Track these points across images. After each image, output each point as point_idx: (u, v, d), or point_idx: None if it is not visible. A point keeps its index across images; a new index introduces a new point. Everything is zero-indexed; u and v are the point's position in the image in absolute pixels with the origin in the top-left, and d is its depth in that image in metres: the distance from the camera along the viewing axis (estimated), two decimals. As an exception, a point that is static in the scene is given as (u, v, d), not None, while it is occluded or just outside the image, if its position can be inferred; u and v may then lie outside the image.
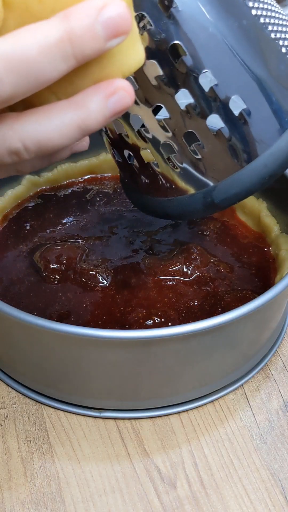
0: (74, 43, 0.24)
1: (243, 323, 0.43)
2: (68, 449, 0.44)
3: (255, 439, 0.45)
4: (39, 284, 0.51)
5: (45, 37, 0.23)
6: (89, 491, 0.42)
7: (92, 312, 0.48)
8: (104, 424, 0.46)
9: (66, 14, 0.24)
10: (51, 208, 0.60)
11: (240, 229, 0.58)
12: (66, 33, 0.24)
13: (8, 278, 0.52)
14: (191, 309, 0.49)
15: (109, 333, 0.40)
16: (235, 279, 0.52)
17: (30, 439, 0.45)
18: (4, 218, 0.59)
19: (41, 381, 0.47)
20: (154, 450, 0.44)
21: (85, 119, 0.26)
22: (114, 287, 0.50)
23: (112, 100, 0.26)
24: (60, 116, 0.26)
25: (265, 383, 0.50)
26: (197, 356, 0.44)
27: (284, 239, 0.54)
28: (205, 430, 0.46)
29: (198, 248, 0.53)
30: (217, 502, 0.41)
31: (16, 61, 0.23)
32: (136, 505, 0.41)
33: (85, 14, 0.24)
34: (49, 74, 0.24)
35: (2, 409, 0.47)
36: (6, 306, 0.41)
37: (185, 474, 0.43)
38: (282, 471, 0.43)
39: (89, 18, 0.24)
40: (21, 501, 0.41)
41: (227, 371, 0.47)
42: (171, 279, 0.51)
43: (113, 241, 0.55)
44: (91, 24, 0.24)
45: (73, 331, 0.40)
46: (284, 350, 0.52)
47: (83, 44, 0.24)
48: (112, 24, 0.24)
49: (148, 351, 0.42)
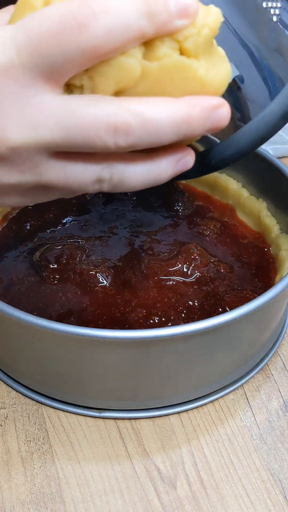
0: (190, 126, 0.30)
1: (243, 323, 0.43)
2: (68, 449, 0.44)
3: (255, 439, 0.45)
4: (39, 284, 0.51)
5: (174, 112, 0.29)
6: (89, 491, 0.42)
7: (92, 312, 0.48)
8: (104, 424, 0.46)
9: (191, 102, 0.30)
10: (51, 208, 0.60)
11: (240, 229, 0.58)
12: (188, 116, 0.30)
13: (8, 278, 0.52)
14: (191, 309, 0.49)
15: (109, 333, 0.40)
16: (235, 279, 0.52)
17: (30, 439, 0.45)
18: (4, 218, 0.59)
19: (41, 381, 0.47)
20: (154, 450, 0.44)
21: (157, 174, 0.32)
22: (114, 287, 0.50)
23: (180, 164, 0.33)
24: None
25: (265, 383, 0.50)
26: (197, 356, 0.44)
27: (284, 239, 0.54)
28: (205, 430, 0.46)
29: (198, 248, 0.53)
30: (217, 502, 0.41)
31: (149, 122, 0.29)
32: (136, 505, 0.41)
33: (204, 108, 0.30)
34: (165, 140, 0.30)
35: (2, 409, 0.47)
36: (6, 306, 0.41)
37: (185, 474, 0.43)
38: (282, 471, 0.43)
39: (206, 112, 0.30)
40: (21, 501, 0.41)
41: (227, 371, 0.47)
42: (171, 279, 0.51)
43: (113, 241, 0.55)
44: (206, 118, 0.30)
45: (73, 331, 0.40)
46: (284, 350, 0.52)
47: (195, 129, 0.30)
48: (217, 122, 0.31)
49: (148, 351, 0.42)
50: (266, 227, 0.57)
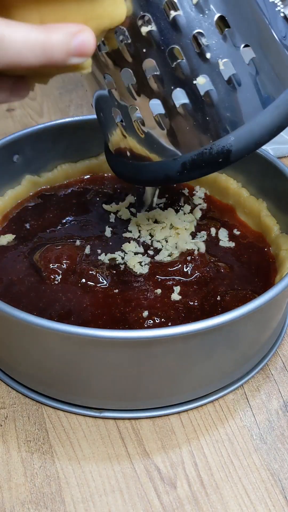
0: (47, 50, 0.30)
1: (243, 323, 0.43)
2: (68, 449, 0.44)
3: (255, 439, 0.45)
4: (39, 284, 0.51)
5: (29, 33, 0.30)
6: (89, 491, 0.42)
7: (92, 312, 0.48)
8: (104, 424, 0.46)
9: (51, 27, 0.30)
10: (51, 208, 0.60)
11: (240, 229, 0.58)
12: (46, 39, 0.30)
13: (8, 278, 0.52)
14: (191, 309, 0.49)
15: (109, 333, 0.40)
16: (235, 279, 0.52)
17: (30, 439, 0.45)
18: (4, 218, 0.59)
19: (41, 381, 0.47)
20: (154, 450, 0.44)
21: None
22: (114, 287, 0.50)
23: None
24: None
25: (265, 383, 0.50)
26: (197, 356, 0.44)
27: (284, 239, 0.54)
28: (205, 430, 0.46)
29: (198, 248, 0.53)
30: (217, 502, 0.41)
31: (4, 39, 0.29)
32: (136, 505, 0.41)
33: (64, 33, 0.30)
34: (24, 61, 0.30)
35: (2, 409, 0.47)
36: (6, 306, 0.41)
37: (185, 474, 0.43)
38: (282, 471, 0.43)
39: (65, 36, 0.30)
40: (21, 501, 0.41)
41: (227, 371, 0.47)
42: (171, 279, 0.51)
43: (113, 241, 0.55)
44: (66, 42, 0.30)
45: (73, 331, 0.40)
46: (284, 350, 0.53)
47: (55, 52, 0.30)
48: (80, 47, 0.31)
49: (148, 351, 0.42)
50: (266, 227, 0.57)
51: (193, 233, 0.56)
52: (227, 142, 0.40)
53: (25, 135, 0.60)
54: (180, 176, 0.42)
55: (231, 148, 0.40)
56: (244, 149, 0.40)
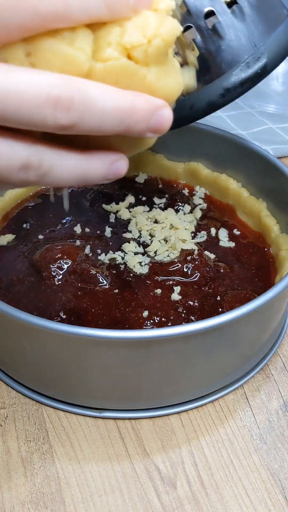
0: (133, 117, 0.29)
1: (243, 323, 0.43)
2: (68, 449, 0.44)
3: (255, 439, 0.45)
4: (39, 284, 0.51)
5: (119, 100, 0.29)
6: (89, 491, 0.42)
7: (92, 312, 0.48)
8: (104, 424, 0.46)
9: (137, 94, 0.30)
10: (51, 208, 0.60)
11: (240, 229, 0.58)
12: (132, 106, 0.29)
13: (8, 278, 0.52)
14: (191, 309, 0.49)
15: (109, 333, 0.40)
16: (235, 279, 0.52)
17: (30, 439, 0.45)
18: (4, 218, 0.59)
19: (41, 381, 0.47)
20: (154, 450, 0.44)
21: (88, 173, 0.31)
22: (114, 287, 0.50)
23: (113, 166, 0.32)
24: (78, 159, 0.30)
25: (265, 383, 0.50)
26: (197, 356, 0.44)
27: (284, 239, 0.54)
28: (205, 430, 0.46)
29: (198, 248, 0.53)
30: (217, 502, 0.41)
31: (93, 102, 0.28)
32: (136, 505, 0.41)
33: (150, 103, 0.30)
34: (108, 128, 0.29)
35: (2, 409, 0.47)
36: (6, 306, 0.41)
37: (185, 474, 0.43)
38: (282, 471, 0.43)
39: (151, 107, 0.30)
40: (21, 501, 0.41)
41: (227, 371, 0.47)
42: (171, 279, 0.51)
43: (113, 241, 0.55)
44: (150, 113, 0.30)
45: (73, 331, 0.40)
46: (284, 350, 0.53)
47: (138, 122, 0.30)
48: (161, 121, 0.30)
49: (148, 351, 0.42)
50: (266, 227, 0.57)
51: (193, 233, 0.56)
52: (260, 53, 0.43)
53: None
54: (224, 98, 0.45)
55: (266, 58, 0.43)
56: (277, 56, 0.44)
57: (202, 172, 0.63)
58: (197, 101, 0.46)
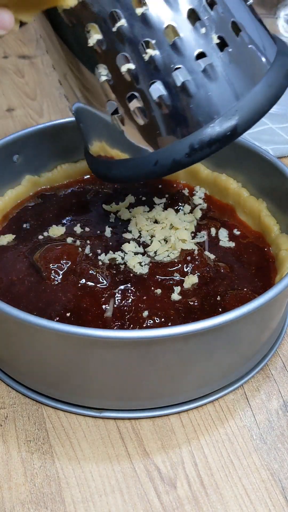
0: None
1: (243, 323, 0.43)
2: (68, 449, 0.44)
3: (255, 439, 0.45)
4: (39, 284, 0.51)
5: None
6: (89, 491, 0.42)
7: (92, 312, 0.48)
8: (104, 424, 0.46)
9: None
10: (51, 208, 0.60)
11: (240, 229, 0.58)
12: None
13: (8, 278, 0.52)
14: (191, 309, 0.49)
15: (109, 333, 0.40)
16: (235, 279, 0.52)
17: (30, 439, 0.45)
18: (4, 218, 0.59)
19: (41, 381, 0.47)
20: (154, 450, 0.44)
21: None
22: (114, 287, 0.50)
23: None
24: None
25: (265, 383, 0.50)
26: (197, 356, 0.44)
27: (284, 239, 0.54)
28: (205, 430, 0.46)
29: (198, 248, 0.53)
30: (217, 502, 0.41)
31: None
32: (136, 505, 0.41)
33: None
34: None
35: (2, 409, 0.47)
36: (6, 306, 0.41)
37: (185, 474, 0.43)
38: (282, 471, 0.43)
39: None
40: (21, 501, 0.41)
41: (227, 371, 0.47)
42: (171, 279, 0.51)
43: (113, 241, 0.55)
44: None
45: (73, 331, 0.40)
46: (284, 350, 0.53)
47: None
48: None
49: (148, 351, 0.42)
50: (266, 227, 0.57)
51: (193, 233, 0.56)
52: (231, 114, 0.40)
53: (25, 135, 0.60)
54: (190, 158, 0.41)
55: (236, 120, 0.41)
56: (249, 118, 0.41)
57: (202, 172, 0.63)
58: (162, 157, 0.42)
